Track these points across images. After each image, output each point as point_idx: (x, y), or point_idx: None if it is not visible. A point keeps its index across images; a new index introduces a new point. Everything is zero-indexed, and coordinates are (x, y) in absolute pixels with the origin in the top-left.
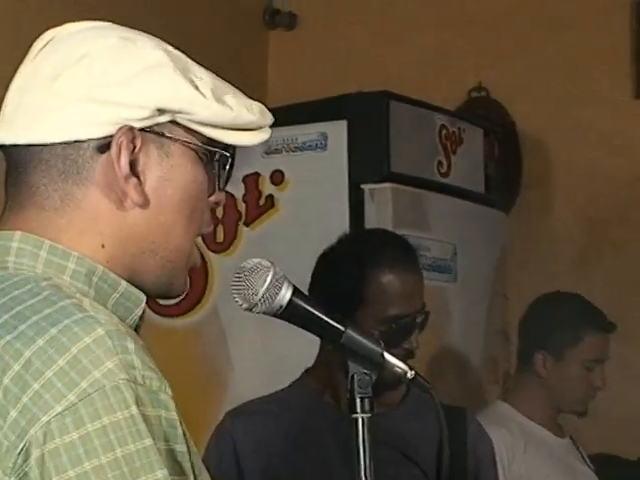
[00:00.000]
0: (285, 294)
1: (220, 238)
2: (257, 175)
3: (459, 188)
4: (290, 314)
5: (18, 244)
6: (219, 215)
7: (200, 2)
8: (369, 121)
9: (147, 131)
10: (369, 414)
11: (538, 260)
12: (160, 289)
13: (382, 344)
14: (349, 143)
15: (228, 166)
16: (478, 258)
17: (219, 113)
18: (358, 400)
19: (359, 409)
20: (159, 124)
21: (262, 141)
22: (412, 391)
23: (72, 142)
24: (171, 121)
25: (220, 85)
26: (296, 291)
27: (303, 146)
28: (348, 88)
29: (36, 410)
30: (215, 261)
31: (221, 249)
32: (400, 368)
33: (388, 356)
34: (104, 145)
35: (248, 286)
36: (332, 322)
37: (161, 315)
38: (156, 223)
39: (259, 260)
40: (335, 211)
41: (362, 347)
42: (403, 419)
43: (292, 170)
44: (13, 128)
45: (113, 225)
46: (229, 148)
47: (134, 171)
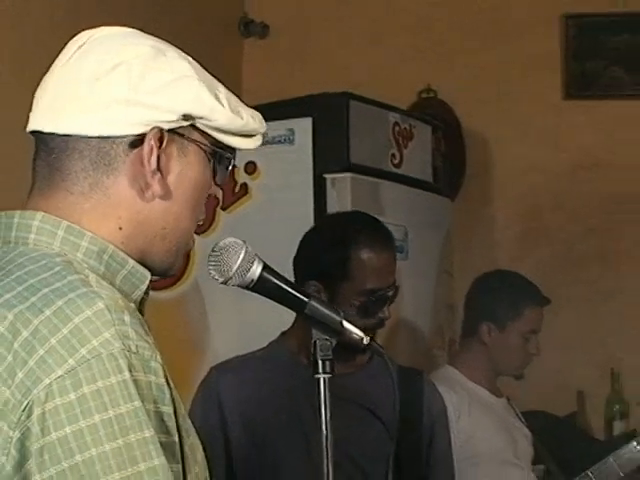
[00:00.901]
0: (256, 269)
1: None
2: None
3: (410, 177)
4: (261, 287)
5: (39, 223)
6: None
7: (181, 14)
8: (331, 118)
9: (172, 132)
10: (330, 374)
11: (479, 242)
12: (164, 268)
13: (342, 313)
14: (314, 138)
15: (230, 166)
16: (426, 239)
17: (233, 121)
18: (320, 362)
19: (321, 370)
20: (182, 127)
21: (258, 145)
22: (375, 355)
23: (107, 137)
24: (191, 125)
25: (231, 96)
26: (266, 267)
27: (273, 140)
28: (314, 89)
29: (40, 372)
30: (196, 241)
31: (201, 230)
32: (357, 335)
33: (347, 324)
34: (136, 142)
35: (223, 262)
36: (297, 294)
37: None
38: (169, 212)
39: (233, 239)
40: (301, 198)
41: (324, 316)
42: (368, 379)
43: (263, 161)
44: (52, 118)
45: (132, 211)
46: (231, 150)
47: (159, 167)
